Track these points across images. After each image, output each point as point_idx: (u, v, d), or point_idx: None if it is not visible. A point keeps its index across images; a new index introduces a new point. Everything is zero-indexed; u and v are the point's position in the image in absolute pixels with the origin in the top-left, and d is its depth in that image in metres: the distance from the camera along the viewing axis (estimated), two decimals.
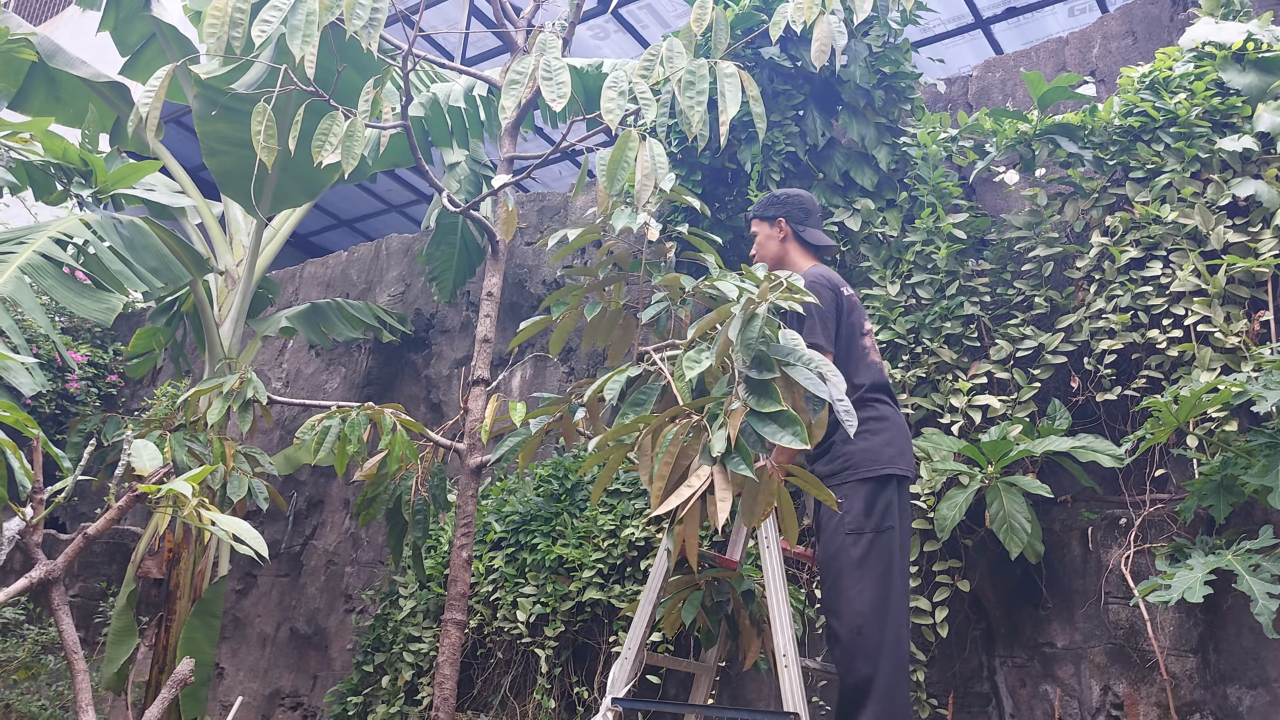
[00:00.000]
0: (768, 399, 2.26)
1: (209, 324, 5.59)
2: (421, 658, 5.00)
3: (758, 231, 3.57)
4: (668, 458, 2.33)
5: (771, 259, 3.53)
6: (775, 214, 3.53)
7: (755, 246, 3.57)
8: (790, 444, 2.20)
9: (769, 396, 2.27)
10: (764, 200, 3.60)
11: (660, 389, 2.72)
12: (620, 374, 2.84)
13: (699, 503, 2.26)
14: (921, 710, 3.93)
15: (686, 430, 2.36)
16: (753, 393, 2.30)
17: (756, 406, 2.26)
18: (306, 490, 6.84)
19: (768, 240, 3.54)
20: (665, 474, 2.32)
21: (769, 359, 2.32)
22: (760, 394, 2.29)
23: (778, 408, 2.24)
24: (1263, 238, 3.81)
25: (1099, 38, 4.87)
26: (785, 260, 3.52)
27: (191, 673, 2.94)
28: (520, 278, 6.32)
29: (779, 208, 3.54)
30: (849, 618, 2.97)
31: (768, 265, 3.48)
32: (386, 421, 4.00)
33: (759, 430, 2.25)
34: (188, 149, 9.32)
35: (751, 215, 3.62)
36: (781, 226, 3.52)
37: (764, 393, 2.28)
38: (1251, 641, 3.54)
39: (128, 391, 8.43)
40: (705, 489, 2.25)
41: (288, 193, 5.46)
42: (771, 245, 3.53)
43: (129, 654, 5.12)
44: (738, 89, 3.30)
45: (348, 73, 5.01)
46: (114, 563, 7.28)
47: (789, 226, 3.52)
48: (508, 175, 4.34)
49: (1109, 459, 3.63)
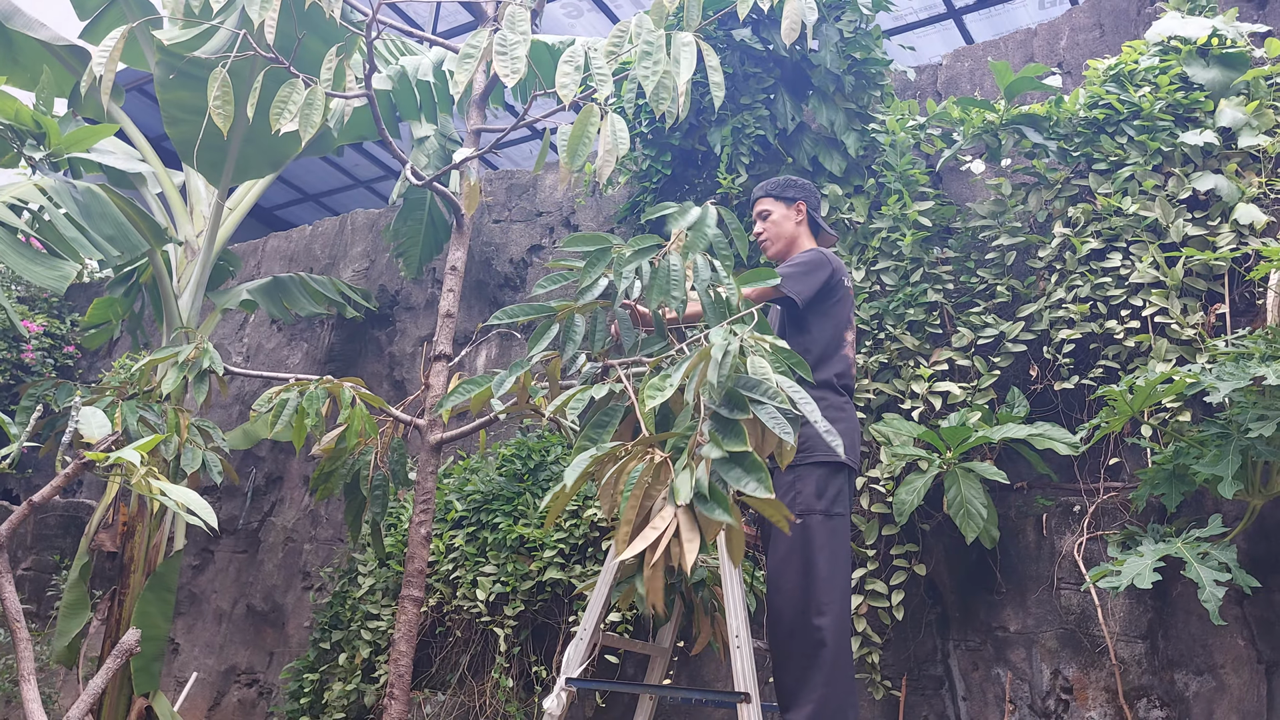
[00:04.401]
0: (734, 439, 2.23)
1: (167, 295, 5.51)
2: (379, 635, 4.98)
3: (771, 210, 3.53)
4: (633, 500, 2.26)
5: (786, 239, 3.51)
6: (796, 196, 3.53)
7: (767, 225, 3.53)
8: (754, 492, 2.17)
9: (736, 437, 2.23)
10: (781, 181, 3.58)
11: (624, 409, 2.71)
12: (584, 392, 2.82)
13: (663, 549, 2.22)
14: (875, 692, 3.96)
15: (652, 470, 2.32)
16: (720, 430, 2.27)
17: (722, 446, 2.23)
18: (266, 466, 6.77)
19: (784, 220, 3.52)
20: (630, 517, 2.27)
21: (741, 398, 2.28)
22: (727, 433, 2.25)
23: (743, 449, 2.21)
24: (1221, 232, 3.85)
25: (1067, 30, 4.89)
26: (797, 243, 3.51)
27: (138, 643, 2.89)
28: (487, 255, 6.28)
29: (799, 190, 3.55)
30: (791, 596, 2.97)
31: (779, 244, 3.50)
32: (345, 395, 3.95)
33: (724, 475, 2.22)
34: (151, 118, 9.16)
35: (764, 193, 3.57)
36: (801, 210, 3.53)
37: (731, 433, 2.25)
38: (1199, 628, 3.60)
39: (85, 363, 8.31)
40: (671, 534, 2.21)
41: (250, 163, 5.37)
42: (788, 226, 3.51)
43: (81, 627, 5.05)
44: (693, 55, 3.27)
45: (311, 41, 4.93)
46: (68, 536, 7.18)
47: (808, 212, 3.54)
48: (471, 149, 4.29)
49: (1065, 447, 3.67)
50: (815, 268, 3.27)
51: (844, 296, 3.33)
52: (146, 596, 4.88)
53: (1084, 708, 3.67)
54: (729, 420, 2.27)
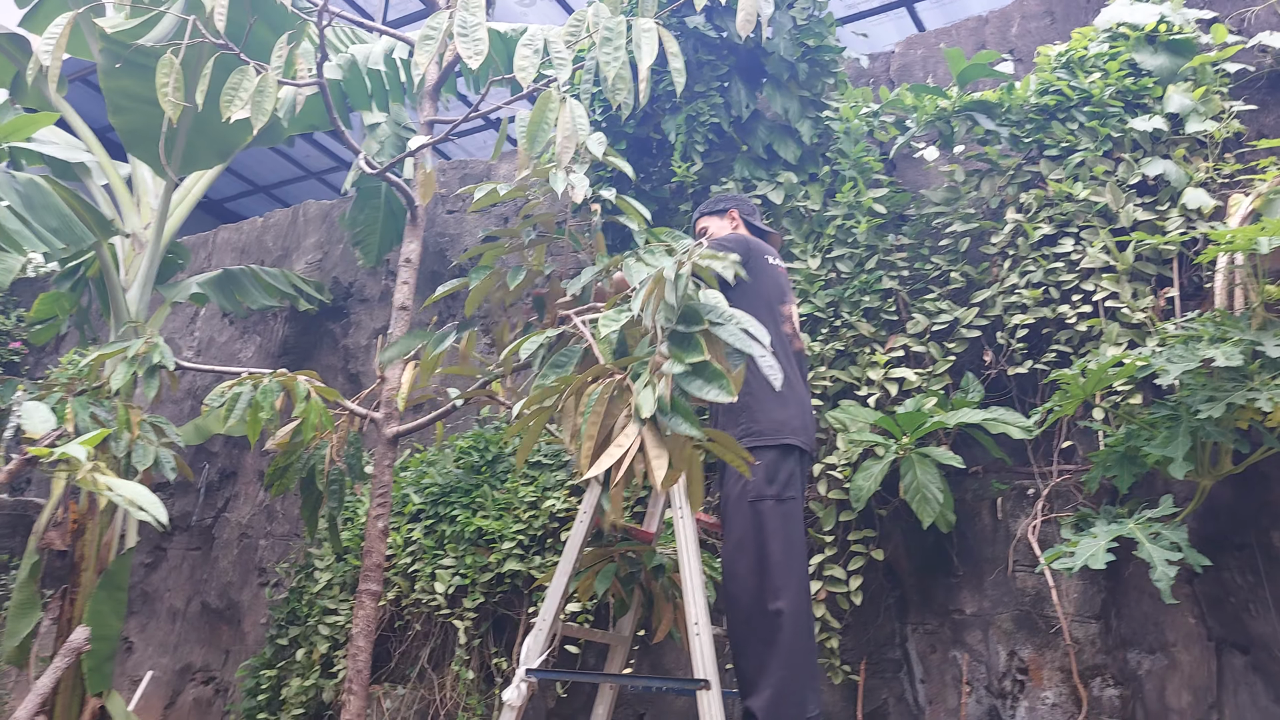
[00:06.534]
0: (691, 350, 2.24)
1: (114, 289, 5.39)
2: (337, 630, 4.93)
3: (708, 226, 3.65)
4: (594, 417, 2.28)
5: None
6: (727, 207, 3.66)
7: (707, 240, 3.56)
8: (717, 398, 2.17)
9: (693, 348, 2.24)
10: (711, 200, 3.75)
11: (582, 351, 2.68)
12: (539, 334, 2.79)
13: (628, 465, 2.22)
14: (834, 676, 3.99)
15: (611, 389, 2.32)
16: (676, 345, 2.27)
17: (679, 358, 2.24)
18: (219, 462, 6.67)
19: (719, 231, 3.62)
20: (593, 433, 2.27)
21: (696, 313, 2.30)
22: (683, 346, 2.26)
23: (701, 358, 2.22)
24: (1170, 216, 3.91)
25: (1018, 17, 4.93)
26: None
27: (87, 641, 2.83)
28: (442, 246, 6.22)
29: (729, 201, 3.69)
30: (746, 583, 2.98)
31: None
32: (300, 389, 3.89)
33: (684, 385, 2.22)
34: (95, 109, 8.95)
35: (699, 215, 3.70)
36: (734, 217, 3.63)
37: (688, 345, 2.26)
38: (1151, 607, 3.66)
39: (31, 359, 8.13)
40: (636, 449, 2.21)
41: (198, 153, 5.27)
42: (724, 234, 3.58)
43: (31, 627, 4.94)
44: (654, 42, 3.27)
45: (261, 28, 4.85)
46: (16, 535, 7.02)
47: (741, 217, 3.63)
48: (425, 137, 4.24)
49: (1019, 431, 3.71)
50: (721, 243, 3.30)
51: (766, 269, 3.36)
52: (98, 595, 4.78)
53: (1039, 688, 3.72)
54: (687, 334, 2.29)
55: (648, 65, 3.23)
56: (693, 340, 2.25)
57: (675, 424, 2.19)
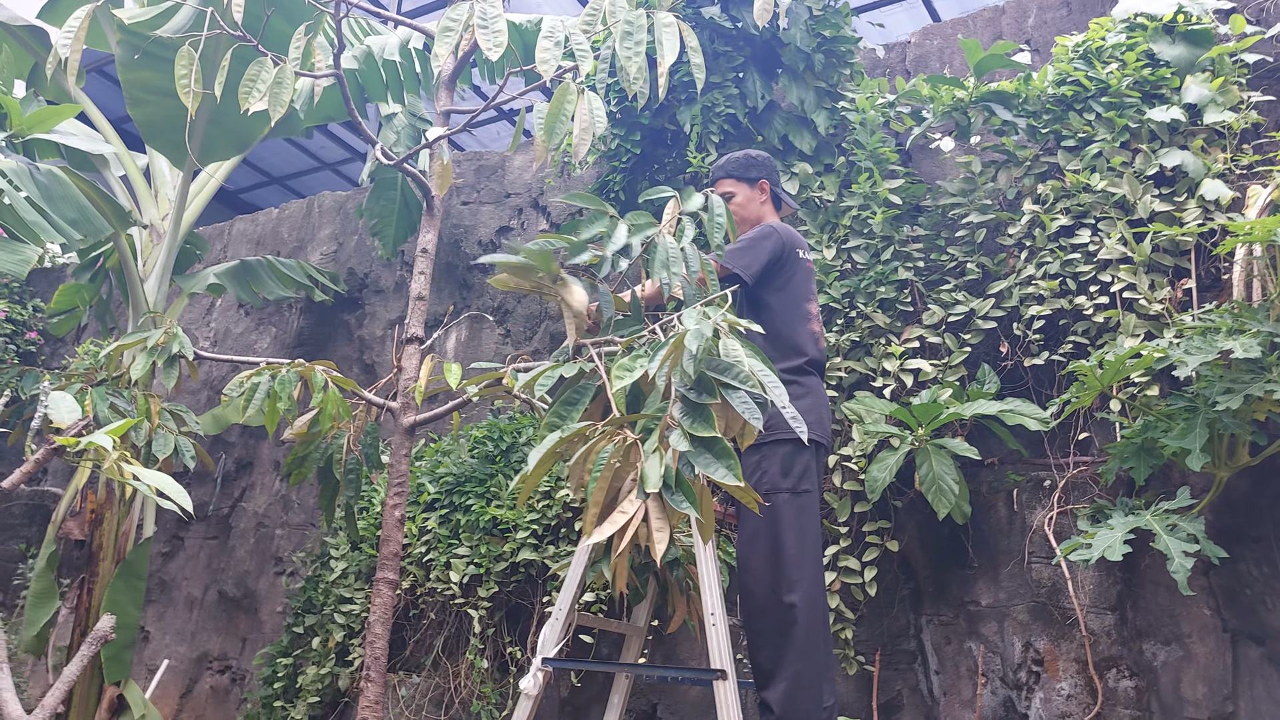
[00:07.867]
0: (703, 423, 2.22)
1: (133, 280, 5.43)
2: (353, 619, 4.96)
3: (734, 192, 3.46)
4: (602, 481, 2.26)
5: (751, 222, 3.45)
6: (759, 176, 3.47)
7: (731, 207, 3.42)
8: (724, 479, 2.16)
9: (704, 421, 2.23)
10: (741, 160, 3.50)
11: (595, 388, 2.69)
12: (555, 369, 2.80)
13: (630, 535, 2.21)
14: (849, 667, 4.00)
15: (621, 452, 2.31)
16: (688, 414, 2.27)
17: (691, 429, 2.23)
18: (236, 452, 6.71)
19: (749, 202, 3.46)
20: (599, 499, 2.26)
21: (710, 382, 2.27)
22: (696, 417, 2.25)
23: (712, 434, 2.21)
24: (1187, 207, 3.89)
25: (1035, 7, 4.91)
26: (762, 222, 3.44)
27: (112, 630, 2.86)
28: (456, 238, 6.23)
29: (761, 170, 3.48)
30: (760, 575, 2.98)
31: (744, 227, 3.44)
32: (318, 379, 3.91)
33: (693, 461, 2.21)
34: (112, 100, 9.00)
35: (725, 174, 3.49)
36: (764, 189, 3.48)
37: (700, 416, 2.24)
38: (1167, 599, 3.65)
39: (48, 350, 8.18)
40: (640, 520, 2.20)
41: (216, 145, 5.30)
42: (753, 208, 3.46)
43: (49, 616, 5.00)
44: (675, 38, 3.26)
45: (277, 20, 4.86)
46: (34, 524, 7.09)
47: (771, 190, 3.49)
48: (443, 129, 4.25)
49: (1035, 422, 3.71)
50: (760, 238, 3.23)
51: (799, 267, 3.29)
52: (116, 584, 4.83)
53: (1055, 679, 3.73)
54: (698, 405, 2.27)
55: (669, 62, 3.21)
56: (705, 413, 2.24)
57: (678, 502, 2.18)
